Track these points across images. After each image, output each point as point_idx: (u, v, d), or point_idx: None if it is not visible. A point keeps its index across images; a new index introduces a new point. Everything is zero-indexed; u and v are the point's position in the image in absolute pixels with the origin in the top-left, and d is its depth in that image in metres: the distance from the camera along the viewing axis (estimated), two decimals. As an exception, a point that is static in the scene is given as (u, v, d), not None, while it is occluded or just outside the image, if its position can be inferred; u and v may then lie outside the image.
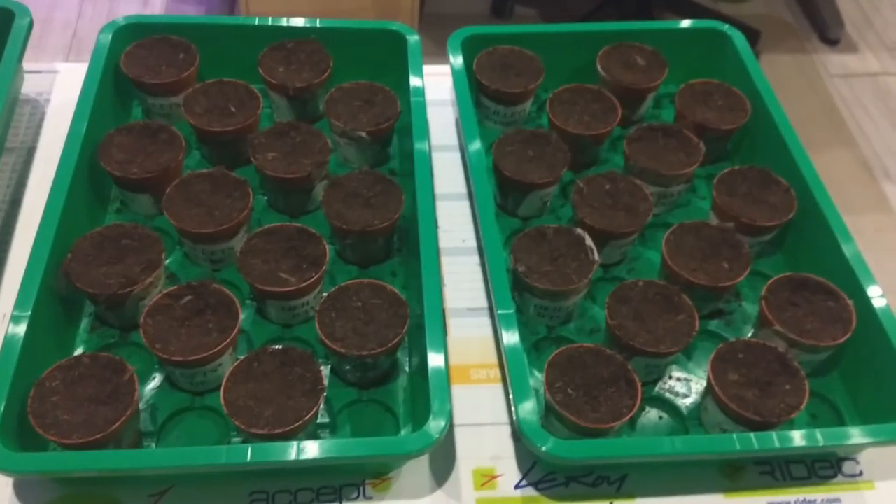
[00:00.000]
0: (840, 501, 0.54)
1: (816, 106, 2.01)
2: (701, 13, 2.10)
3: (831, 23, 2.17)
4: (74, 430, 0.48)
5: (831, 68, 2.11)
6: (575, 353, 0.54)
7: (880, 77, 2.10)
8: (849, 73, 2.10)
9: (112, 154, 0.62)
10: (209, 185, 0.61)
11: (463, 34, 0.72)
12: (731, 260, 0.60)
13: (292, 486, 0.52)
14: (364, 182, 0.62)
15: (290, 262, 0.57)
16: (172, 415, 0.54)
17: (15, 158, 0.69)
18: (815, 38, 2.20)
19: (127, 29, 0.71)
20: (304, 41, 0.72)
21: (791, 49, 2.15)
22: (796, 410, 0.52)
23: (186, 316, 0.54)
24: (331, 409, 0.55)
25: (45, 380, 0.50)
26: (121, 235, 0.57)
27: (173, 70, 0.69)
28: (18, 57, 0.68)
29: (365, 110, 0.67)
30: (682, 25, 0.76)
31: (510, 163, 0.65)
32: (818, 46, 2.18)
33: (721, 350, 0.54)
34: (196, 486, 0.52)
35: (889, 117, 1.98)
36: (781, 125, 0.67)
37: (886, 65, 2.13)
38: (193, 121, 0.65)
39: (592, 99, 0.70)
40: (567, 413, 0.51)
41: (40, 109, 0.73)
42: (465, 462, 0.55)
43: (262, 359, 0.52)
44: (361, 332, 0.54)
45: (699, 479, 0.54)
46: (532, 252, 0.59)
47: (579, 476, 0.54)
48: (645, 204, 0.62)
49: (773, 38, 2.15)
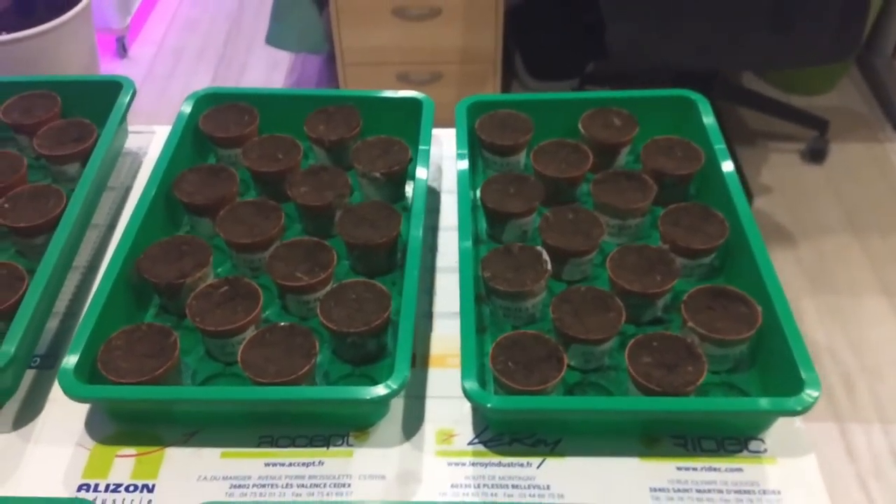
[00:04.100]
0: (742, 471, 0.65)
1: (886, 192, 2.07)
2: (771, 105, 2.21)
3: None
4: (128, 373, 0.65)
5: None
6: (519, 336, 0.67)
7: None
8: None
9: (183, 187, 0.81)
10: (253, 210, 0.79)
11: (468, 101, 0.89)
12: (663, 274, 0.72)
13: (291, 433, 0.67)
14: (372, 209, 0.78)
15: (306, 266, 0.73)
16: (208, 378, 0.70)
17: (115, 195, 0.89)
18: (889, 128, 2.26)
19: (206, 98, 0.91)
20: (343, 107, 0.90)
21: (862, 138, 2.23)
22: (692, 385, 0.63)
23: (222, 300, 0.71)
24: (328, 380, 0.70)
25: (113, 339, 0.67)
26: (180, 243, 0.75)
27: (238, 128, 0.88)
28: (120, 120, 0.88)
29: (382, 157, 0.84)
30: (657, 94, 0.91)
31: (494, 198, 0.80)
32: (891, 136, 2.24)
33: (639, 339, 0.67)
34: (219, 429, 0.67)
35: (957, 205, 2.02)
36: (726, 172, 0.80)
37: (959, 154, 2.17)
38: (248, 164, 0.84)
39: (571, 150, 0.85)
40: (503, 378, 0.64)
41: (138, 160, 0.94)
42: (431, 424, 0.68)
43: (273, 331, 0.68)
44: (353, 317, 0.69)
45: (621, 445, 0.66)
46: (499, 263, 0.73)
47: (522, 437, 0.67)
48: (598, 230, 0.76)
49: (846, 128, 2.23)
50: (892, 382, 1.62)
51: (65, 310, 0.78)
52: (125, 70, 2.43)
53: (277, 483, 0.64)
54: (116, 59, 2.47)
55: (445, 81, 2.03)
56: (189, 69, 2.47)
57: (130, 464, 0.65)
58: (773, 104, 2.21)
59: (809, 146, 2.14)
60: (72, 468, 0.65)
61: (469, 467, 0.65)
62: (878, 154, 2.16)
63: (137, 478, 0.65)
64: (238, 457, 0.66)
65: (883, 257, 1.88)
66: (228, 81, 2.40)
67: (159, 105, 2.30)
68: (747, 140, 2.20)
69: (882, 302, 1.79)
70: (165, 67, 2.48)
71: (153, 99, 2.33)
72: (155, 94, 2.35)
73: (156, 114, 2.23)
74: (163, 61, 2.50)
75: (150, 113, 2.20)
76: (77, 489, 0.64)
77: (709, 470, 0.65)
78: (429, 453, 0.66)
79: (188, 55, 2.53)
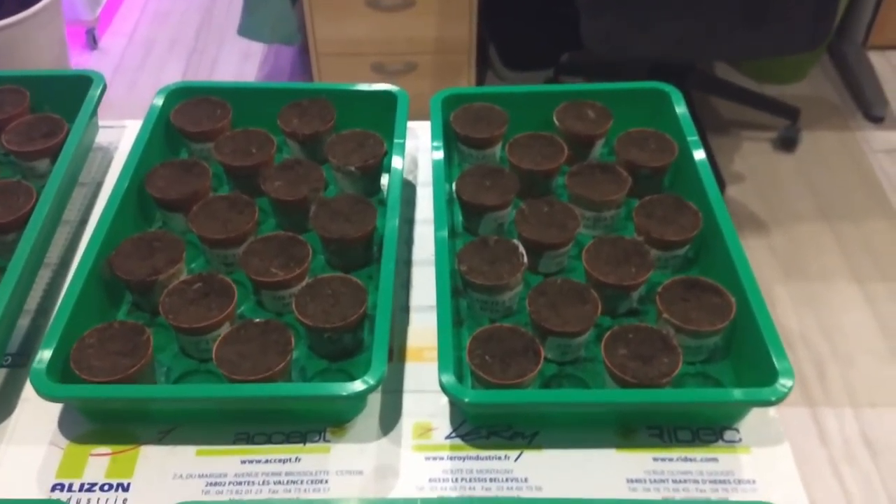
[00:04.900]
0: (717, 461, 0.65)
1: (859, 179, 2.09)
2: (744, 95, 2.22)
3: (875, 101, 2.26)
4: (102, 372, 0.64)
5: (874, 144, 2.19)
6: (495, 330, 0.67)
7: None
8: (892, 148, 2.18)
9: (155, 182, 0.80)
10: (226, 205, 0.78)
11: (443, 94, 0.89)
12: (638, 266, 0.72)
13: (268, 430, 0.67)
14: (347, 203, 0.78)
15: (281, 261, 0.73)
16: (182, 375, 0.69)
17: (86, 190, 0.88)
18: (860, 116, 2.28)
19: (177, 91, 0.90)
20: (317, 100, 0.89)
21: (835, 126, 2.25)
22: (668, 377, 0.64)
23: (196, 297, 0.70)
24: (305, 376, 0.69)
25: (85, 338, 0.66)
26: (153, 239, 0.74)
27: (211, 122, 0.87)
28: (91, 114, 0.87)
29: (357, 151, 0.84)
30: (631, 86, 0.91)
31: (469, 190, 0.80)
32: (862, 124, 2.26)
33: (615, 331, 0.67)
34: (194, 426, 0.67)
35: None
36: (699, 163, 0.80)
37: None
38: (221, 158, 0.83)
39: (545, 143, 0.85)
40: (480, 372, 0.64)
41: (109, 155, 0.93)
42: (409, 418, 0.68)
43: (247, 328, 0.67)
44: (329, 312, 0.68)
45: (598, 436, 0.66)
46: (475, 257, 0.73)
47: (499, 430, 0.67)
48: (573, 222, 0.76)
49: (817, 116, 2.25)
50: (863, 368, 1.65)
51: (36, 307, 0.77)
52: (95, 62, 2.40)
53: (254, 480, 0.64)
54: (87, 51, 2.44)
55: (420, 72, 2.02)
56: (160, 61, 2.45)
57: (105, 463, 0.65)
58: (745, 94, 2.22)
59: (781, 135, 2.16)
60: (45, 468, 0.65)
61: (447, 461, 0.65)
62: (849, 142, 2.19)
63: (112, 477, 0.64)
64: (214, 454, 0.65)
65: (854, 244, 1.90)
66: (200, 73, 2.38)
67: (130, 97, 2.28)
68: (720, 129, 2.21)
69: (853, 288, 1.81)
70: (136, 59, 2.45)
71: (123, 91, 2.30)
72: (125, 87, 2.33)
73: (126, 106, 2.20)
74: (133, 53, 2.47)
75: (120, 105, 2.18)
76: (51, 489, 0.63)
77: (684, 461, 0.65)
78: (406, 448, 0.66)
79: (159, 47, 2.50)
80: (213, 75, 2.38)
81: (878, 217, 1.97)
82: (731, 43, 1.71)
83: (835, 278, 1.83)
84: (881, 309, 1.76)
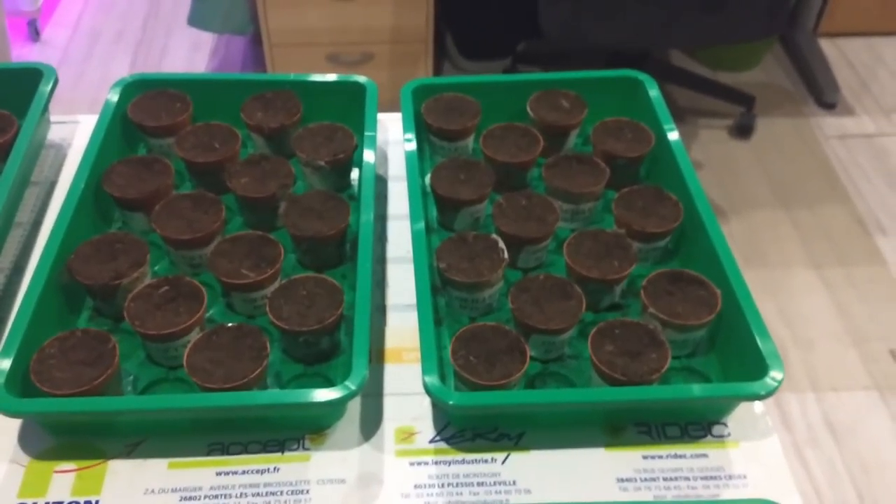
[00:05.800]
0: (707, 456, 0.64)
1: (813, 165, 2.11)
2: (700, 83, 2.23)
3: (827, 88, 2.28)
4: (65, 384, 0.60)
5: (827, 130, 2.22)
6: (479, 329, 0.65)
7: (875, 138, 2.20)
8: (845, 134, 2.21)
9: (113, 180, 0.76)
10: (191, 204, 0.74)
11: (413, 84, 0.86)
12: (621, 259, 0.71)
13: (243, 439, 0.64)
14: (318, 199, 0.75)
15: (251, 262, 0.70)
16: (150, 384, 0.66)
17: (39, 190, 0.84)
18: (812, 102, 2.31)
19: (133, 85, 0.86)
20: (281, 91, 0.86)
21: (788, 113, 2.27)
22: (657, 373, 0.62)
23: (163, 302, 0.66)
24: (280, 381, 0.66)
25: (46, 347, 0.63)
26: (114, 241, 0.70)
27: (170, 116, 0.84)
28: (42, 110, 0.83)
29: (326, 145, 0.81)
30: (604, 75, 0.89)
31: (444, 185, 0.77)
32: (815, 110, 2.29)
33: (601, 326, 0.65)
34: (164, 438, 0.63)
35: (883, 175, 2.08)
36: (677, 152, 0.79)
37: (882, 126, 2.22)
38: (183, 154, 0.79)
39: (520, 134, 0.83)
40: (465, 373, 0.62)
41: (63, 152, 0.88)
42: (390, 422, 0.66)
43: (219, 333, 0.64)
44: (304, 314, 0.66)
45: (586, 436, 0.64)
46: (454, 253, 0.71)
47: (484, 432, 0.65)
48: (553, 216, 0.74)
49: (771, 103, 2.27)
50: (823, 352, 1.66)
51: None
52: (39, 54, 2.31)
53: (231, 493, 0.61)
54: (29, 43, 2.35)
55: (377, 62, 1.99)
56: (107, 53, 2.37)
57: (70, 479, 0.61)
58: (701, 81, 2.23)
59: (737, 122, 2.17)
60: (6, 487, 0.61)
61: (432, 466, 0.63)
62: (803, 128, 2.21)
63: (79, 494, 0.60)
64: (187, 467, 0.62)
65: (811, 230, 1.92)
66: (149, 65, 2.31)
67: (76, 91, 2.20)
68: (677, 117, 2.21)
69: (811, 274, 1.82)
70: (81, 51, 2.37)
71: (70, 85, 2.22)
72: (72, 80, 2.25)
73: (74, 100, 2.13)
74: (78, 45, 2.39)
75: (67, 100, 2.10)
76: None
77: (674, 457, 0.64)
78: (389, 453, 0.64)
79: (105, 38, 2.43)
80: (162, 67, 2.31)
81: (834, 202, 2.00)
82: (691, 30, 1.71)
83: (792, 264, 1.85)
84: (839, 294, 1.78)
